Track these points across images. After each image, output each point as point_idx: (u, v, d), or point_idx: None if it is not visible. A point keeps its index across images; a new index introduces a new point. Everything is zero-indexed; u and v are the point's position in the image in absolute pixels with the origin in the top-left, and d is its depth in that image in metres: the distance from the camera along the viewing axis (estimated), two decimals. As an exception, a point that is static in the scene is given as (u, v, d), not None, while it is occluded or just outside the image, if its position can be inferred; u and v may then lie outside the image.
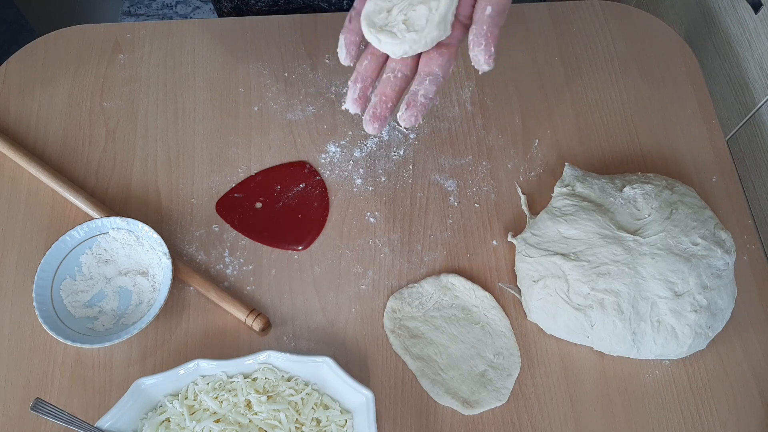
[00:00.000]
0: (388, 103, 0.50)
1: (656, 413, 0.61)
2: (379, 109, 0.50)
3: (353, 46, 0.51)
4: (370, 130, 0.50)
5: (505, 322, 0.64)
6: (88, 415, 0.60)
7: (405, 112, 0.49)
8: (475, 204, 0.71)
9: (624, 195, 0.65)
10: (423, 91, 0.49)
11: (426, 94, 0.49)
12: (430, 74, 0.50)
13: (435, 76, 0.50)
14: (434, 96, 0.50)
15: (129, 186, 0.71)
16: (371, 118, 0.50)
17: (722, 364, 0.63)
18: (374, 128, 0.50)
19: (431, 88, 0.50)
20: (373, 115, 0.50)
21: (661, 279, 0.60)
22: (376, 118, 0.50)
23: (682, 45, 0.81)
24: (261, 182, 0.72)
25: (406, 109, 0.49)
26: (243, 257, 0.68)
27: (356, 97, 0.51)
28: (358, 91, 0.51)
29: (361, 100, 0.51)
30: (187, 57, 0.79)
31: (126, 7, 1.89)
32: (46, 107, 0.76)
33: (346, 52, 0.51)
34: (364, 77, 0.51)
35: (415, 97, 0.49)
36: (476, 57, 0.48)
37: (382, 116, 0.50)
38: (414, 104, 0.49)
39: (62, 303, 0.64)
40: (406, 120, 0.49)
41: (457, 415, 0.61)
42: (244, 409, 0.57)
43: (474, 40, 0.48)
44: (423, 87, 0.49)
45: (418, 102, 0.49)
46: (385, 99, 0.50)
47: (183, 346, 0.64)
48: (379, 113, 0.50)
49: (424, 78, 0.50)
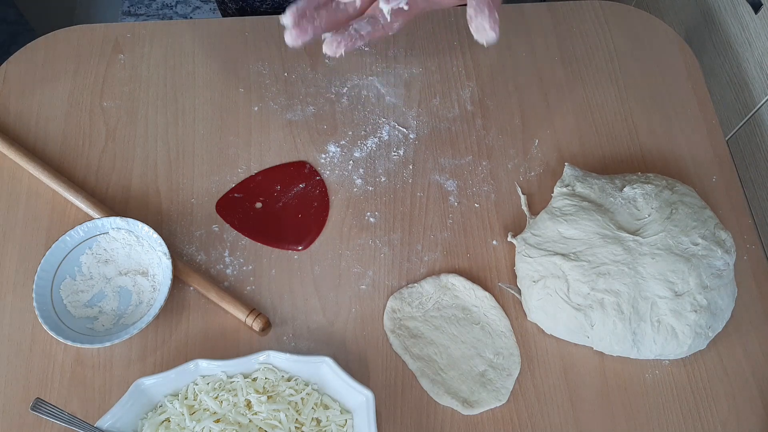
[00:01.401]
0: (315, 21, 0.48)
1: (656, 413, 0.61)
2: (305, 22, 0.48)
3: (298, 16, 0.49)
4: (288, 39, 0.48)
5: (505, 322, 0.64)
6: (88, 415, 0.60)
7: (331, 36, 0.48)
8: (475, 204, 0.71)
9: (624, 195, 0.65)
10: (356, 26, 0.48)
11: (358, 30, 0.48)
12: (373, 18, 0.49)
13: (375, 20, 0.48)
14: (366, 35, 0.48)
15: (129, 186, 0.71)
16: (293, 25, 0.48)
17: (722, 364, 0.63)
18: (291, 37, 0.48)
19: (366, 28, 0.48)
20: (296, 25, 0.48)
21: (661, 279, 0.60)
22: (297, 28, 0.48)
23: (682, 45, 0.81)
24: (261, 182, 0.72)
25: (333, 34, 0.47)
26: (243, 257, 0.68)
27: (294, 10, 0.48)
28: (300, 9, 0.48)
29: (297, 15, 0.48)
30: (187, 57, 0.79)
31: (126, 7, 1.89)
32: (46, 107, 0.76)
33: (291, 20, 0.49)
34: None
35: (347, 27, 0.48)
36: (480, 25, 0.45)
37: (304, 29, 0.48)
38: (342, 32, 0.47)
39: (62, 303, 0.64)
40: (329, 44, 0.47)
41: (457, 415, 0.61)
42: (244, 409, 0.57)
43: (476, 8, 0.45)
44: (359, 24, 0.48)
45: (347, 32, 0.47)
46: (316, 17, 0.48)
47: (183, 346, 0.64)
48: (304, 25, 0.48)
49: (365, 17, 0.49)
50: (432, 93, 0.77)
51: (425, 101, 0.77)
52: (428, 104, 0.77)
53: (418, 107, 0.76)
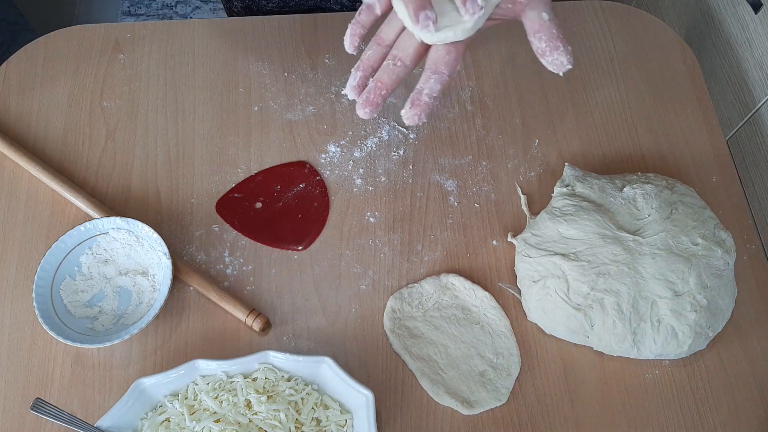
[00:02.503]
0: (382, 90, 0.50)
1: (656, 413, 0.61)
2: (373, 95, 0.50)
3: (357, 37, 0.52)
4: (361, 114, 0.51)
5: (504, 322, 0.64)
6: (88, 415, 0.60)
7: (409, 110, 0.49)
8: (475, 204, 0.71)
9: (624, 195, 0.65)
10: (428, 90, 0.49)
11: (431, 93, 0.49)
12: (436, 72, 0.49)
13: (441, 74, 0.49)
14: (439, 95, 0.50)
15: (129, 186, 0.71)
16: (364, 102, 0.50)
17: (722, 364, 0.63)
18: (365, 113, 0.50)
19: (436, 87, 0.49)
20: (366, 100, 0.50)
21: (661, 279, 0.60)
22: (368, 103, 0.50)
23: (682, 45, 0.81)
24: (261, 182, 0.72)
25: (411, 107, 0.49)
26: (243, 257, 0.68)
27: (355, 84, 0.52)
28: (358, 78, 0.52)
29: (359, 88, 0.52)
30: (187, 57, 0.79)
31: (126, 7, 1.89)
32: (46, 107, 0.76)
33: (350, 42, 0.52)
34: (366, 66, 0.52)
35: (420, 96, 0.49)
36: (556, 60, 0.48)
37: (374, 102, 0.50)
38: (418, 103, 0.49)
39: (62, 303, 0.64)
40: (410, 118, 0.49)
41: (457, 415, 0.61)
42: (244, 409, 0.57)
43: (549, 45, 0.48)
44: (428, 86, 0.49)
45: (422, 101, 0.49)
46: (380, 86, 0.50)
47: (183, 346, 0.64)
48: (372, 99, 0.50)
49: (430, 76, 0.49)
50: (432, 93, 0.77)
51: (425, 101, 0.77)
52: (428, 104, 0.77)
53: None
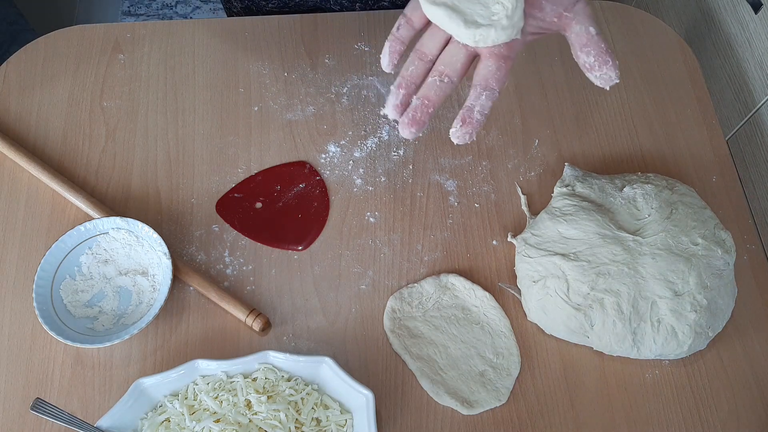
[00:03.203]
0: (429, 108, 0.47)
1: (656, 413, 0.61)
2: (419, 114, 0.47)
3: (396, 54, 0.49)
4: (406, 134, 0.48)
5: (504, 322, 0.64)
6: (88, 415, 0.60)
7: (460, 129, 0.47)
8: (475, 204, 0.71)
9: (624, 195, 0.65)
10: (479, 107, 0.47)
11: (482, 111, 0.47)
12: (487, 89, 0.47)
13: (492, 91, 0.47)
14: (489, 112, 0.47)
15: (129, 186, 0.71)
16: (410, 121, 0.47)
17: (722, 364, 0.63)
18: (411, 132, 0.48)
19: (488, 104, 0.47)
20: (413, 119, 0.47)
21: (661, 279, 0.60)
22: (414, 122, 0.47)
23: (682, 45, 0.81)
24: (261, 182, 0.72)
25: (462, 126, 0.47)
26: (243, 257, 0.68)
27: (398, 103, 0.48)
28: (401, 97, 0.48)
29: (402, 107, 0.48)
30: (187, 57, 0.79)
31: (126, 7, 1.89)
32: (46, 107, 0.76)
33: (389, 60, 0.49)
34: (408, 83, 0.49)
35: (471, 114, 0.47)
36: (605, 75, 0.47)
37: (421, 121, 0.47)
38: (470, 121, 0.47)
39: (62, 303, 0.64)
40: (461, 137, 0.47)
41: (457, 415, 0.61)
42: (244, 409, 0.57)
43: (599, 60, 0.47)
44: (479, 103, 0.47)
45: (474, 119, 0.47)
46: (427, 104, 0.47)
47: (183, 346, 0.64)
48: (419, 117, 0.47)
49: (481, 93, 0.47)
50: (432, 93, 0.77)
51: (425, 101, 0.77)
52: (428, 104, 0.77)
53: (418, 107, 0.76)
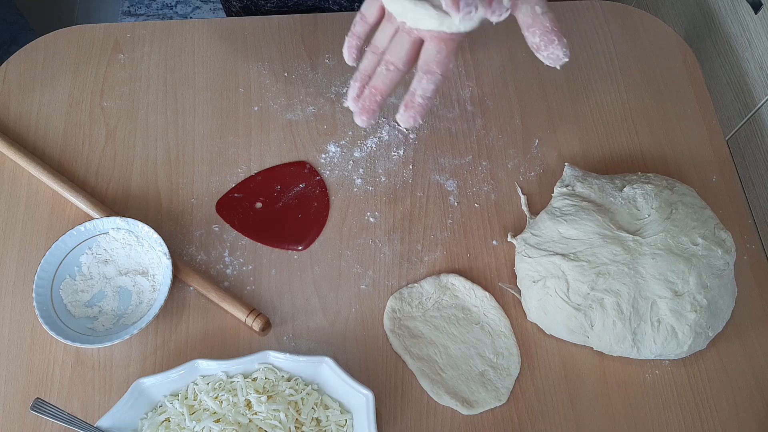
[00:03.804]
0: (377, 96, 0.50)
1: (656, 413, 0.61)
2: (368, 102, 0.50)
3: (354, 49, 0.52)
4: (359, 122, 0.51)
5: (505, 322, 0.64)
6: (88, 415, 0.60)
7: (404, 113, 0.49)
8: (475, 204, 0.71)
9: (624, 195, 0.65)
10: (420, 90, 0.48)
11: (424, 94, 0.48)
12: (428, 72, 0.48)
13: (433, 74, 0.48)
14: (433, 95, 0.49)
15: (129, 186, 0.71)
16: (361, 110, 0.50)
17: (722, 364, 0.63)
18: (362, 120, 0.50)
19: (429, 87, 0.48)
20: (363, 108, 0.50)
21: (661, 279, 0.60)
22: (364, 110, 0.50)
23: (682, 45, 0.81)
24: (261, 182, 0.72)
25: (405, 110, 0.49)
26: (243, 257, 0.68)
27: (355, 95, 0.52)
28: (357, 89, 0.52)
29: (359, 98, 0.51)
30: (187, 57, 0.79)
31: (126, 7, 1.89)
32: (46, 107, 0.76)
33: (348, 55, 0.53)
34: (363, 75, 0.52)
35: (413, 98, 0.48)
36: (552, 54, 0.47)
37: (370, 109, 0.50)
38: (412, 105, 0.48)
39: (62, 303, 0.64)
40: (405, 121, 0.49)
41: (457, 415, 0.61)
42: (244, 409, 0.57)
43: (544, 40, 0.47)
44: (421, 86, 0.48)
45: (416, 102, 0.48)
46: (375, 92, 0.50)
47: (183, 346, 0.64)
48: (368, 106, 0.50)
49: (422, 77, 0.49)
50: (432, 93, 0.77)
51: (425, 101, 0.77)
52: (428, 104, 0.77)
53: (418, 107, 0.76)
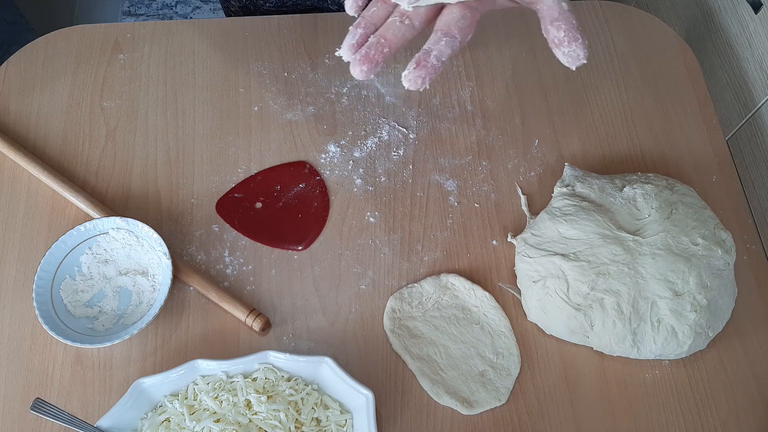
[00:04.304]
0: (385, 47, 0.44)
1: (656, 413, 0.61)
2: (373, 51, 0.44)
3: None
4: (357, 73, 0.44)
5: (505, 322, 0.64)
6: (88, 415, 0.60)
7: (413, 71, 0.43)
8: (475, 204, 0.71)
9: (624, 195, 0.65)
10: (437, 51, 0.44)
11: (439, 56, 0.44)
12: (448, 35, 0.44)
13: (453, 38, 0.44)
14: (447, 60, 0.44)
15: (129, 186, 0.71)
16: (362, 58, 0.44)
17: (722, 364, 0.63)
18: (362, 71, 0.44)
19: (446, 51, 0.44)
20: (365, 56, 0.44)
21: (661, 279, 0.60)
22: (367, 59, 0.44)
23: (682, 45, 0.81)
24: (261, 182, 0.72)
25: (415, 68, 0.43)
26: (243, 257, 0.68)
27: (354, 42, 0.45)
28: (358, 36, 0.45)
29: (358, 47, 0.45)
30: (187, 57, 0.79)
31: (126, 7, 1.89)
32: (46, 107, 0.76)
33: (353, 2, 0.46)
34: (368, 23, 0.46)
35: (427, 57, 0.44)
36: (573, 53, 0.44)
37: (374, 59, 0.44)
38: (425, 64, 0.43)
39: (62, 303, 0.64)
40: (413, 81, 0.44)
41: (457, 415, 0.61)
42: (244, 409, 0.57)
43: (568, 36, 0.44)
44: (438, 47, 0.44)
45: (429, 63, 0.43)
46: (384, 42, 0.44)
47: (183, 346, 0.64)
48: (373, 55, 0.44)
49: (441, 38, 0.44)
50: (432, 93, 0.77)
51: (425, 101, 0.77)
52: (428, 104, 0.77)
53: (418, 107, 0.76)
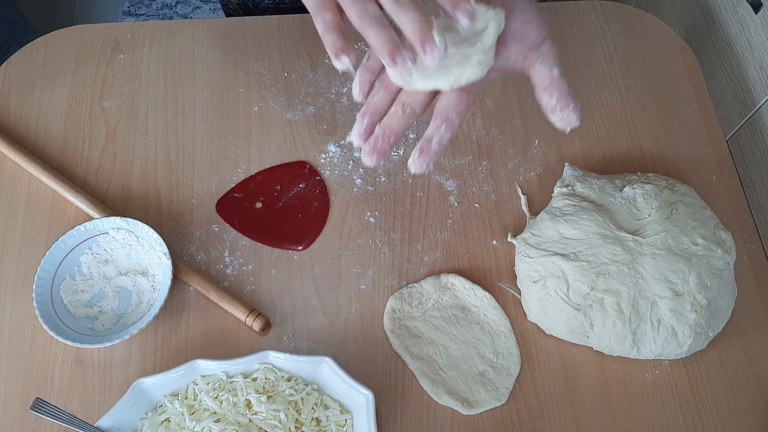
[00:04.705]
0: (391, 137, 0.48)
1: (656, 413, 0.61)
2: (381, 142, 0.48)
3: (367, 84, 0.49)
4: (368, 162, 0.48)
5: (505, 322, 0.64)
6: (88, 415, 0.60)
7: (418, 158, 0.48)
8: (475, 204, 0.71)
9: (624, 195, 0.65)
10: (438, 138, 0.48)
11: (440, 141, 0.48)
12: (447, 120, 0.48)
13: (451, 123, 0.48)
14: (447, 143, 0.48)
15: (129, 186, 0.71)
16: (371, 149, 0.48)
17: (722, 364, 0.63)
18: (373, 160, 0.48)
19: (446, 136, 0.48)
20: (374, 147, 0.48)
21: (661, 279, 0.60)
22: (376, 150, 0.48)
23: (682, 45, 0.81)
24: (261, 182, 0.72)
25: (419, 156, 0.47)
26: (243, 257, 0.68)
27: (362, 131, 0.49)
28: (366, 125, 0.49)
29: (366, 134, 0.49)
30: (187, 57, 0.79)
31: (126, 7, 1.89)
32: (46, 107, 0.76)
33: (360, 90, 0.50)
34: (373, 111, 0.49)
35: (429, 144, 0.48)
36: (566, 118, 0.47)
37: (382, 150, 0.48)
38: (427, 151, 0.47)
39: (62, 303, 0.64)
40: (418, 166, 0.48)
41: (457, 415, 0.61)
42: (244, 409, 0.57)
43: (560, 102, 0.47)
44: (438, 134, 0.48)
45: (432, 150, 0.47)
46: (389, 133, 0.48)
47: (183, 346, 0.64)
48: (380, 146, 0.48)
49: (441, 124, 0.48)
50: (432, 93, 0.77)
51: (425, 101, 0.77)
52: (428, 104, 0.77)
53: (418, 107, 0.76)
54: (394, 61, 0.43)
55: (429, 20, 0.43)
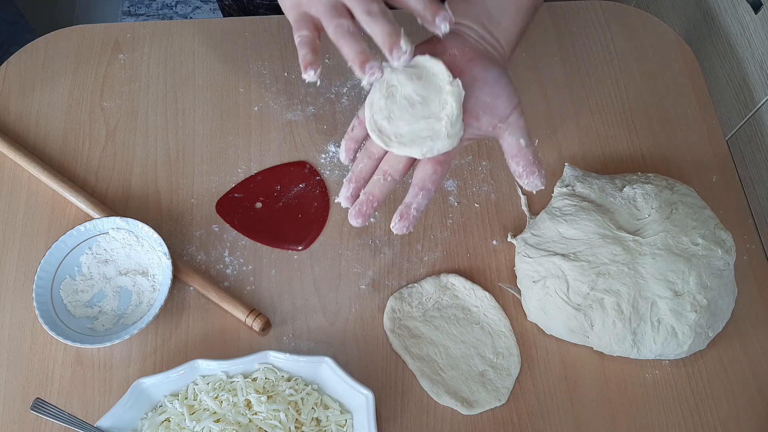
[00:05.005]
0: (374, 203, 0.54)
1: (656, 413, 0.61)
2: (365, 207, 0.54)
3: (351, 152, 0.56)
4: (354, 223, 0.54)
5: (505, 322, 0.64)
6: (88, 415, 0.60)
7: (398, 222, 0.54)
8: (475, 204, 0.71)
9: (624, 195, 0.65)
10: (416, 204, 0.54)
11: (419, 208, 0.54)
12: (424, 189, 0.54)
13: (428, 191, 0.54)
14: (425, 209, 0.54)
15: (129, 186, 0.71)
16: (356, 213, 0.54)
17: (722, 364, 0.63)
18: (358, 222, 0.54)
19: (423, 203, 0.54)
20: (359, 212, 0.54)
21: (661, 279, 0.60)
22: (360, 214, 0.54)
23: (682, 45, 0.81)
24: (261, 182, 0.72)
25: (400, 220, 0.54)
26: (243, 257, 0.68)
27: (349, 195, 0.55)
28: (352, 190, 0.55)
29: (352, 198, 0.55)
30: (187, 57, 0.79)
31: (126, 7, 1.89)
32: (46, 107, 0.76)
33: (346, 156, 0.56)
34: (358, 178, 0.55)
35: (408, 210, 0.54)
36: (532, 183, 0.53)
37: (366, 213, 0.54)
38: (407, 216, 0.54)
39: (62, 303, 0.64)
40: (399, 229, 0.54)
41: (457, 415, 0.61)
42: (244, 409, 0.57)
43: (526, 170, 0.53)
44: (416, 201, 0.54)
45: (411, 215, 0.54)
46: (372, 199, 0.54)
47: (183, 346, 0.64)
48: (365, 211, 0.54)
49: (418, 192, 0.54)
50: (432, 93, 0.77)
51: (425, 101, 0.77)
52: (428, 104, 0.77)
53: (418, 107, 0.76)
54: (363, 70, 0.46)
55: (397, 29, 0.47)
